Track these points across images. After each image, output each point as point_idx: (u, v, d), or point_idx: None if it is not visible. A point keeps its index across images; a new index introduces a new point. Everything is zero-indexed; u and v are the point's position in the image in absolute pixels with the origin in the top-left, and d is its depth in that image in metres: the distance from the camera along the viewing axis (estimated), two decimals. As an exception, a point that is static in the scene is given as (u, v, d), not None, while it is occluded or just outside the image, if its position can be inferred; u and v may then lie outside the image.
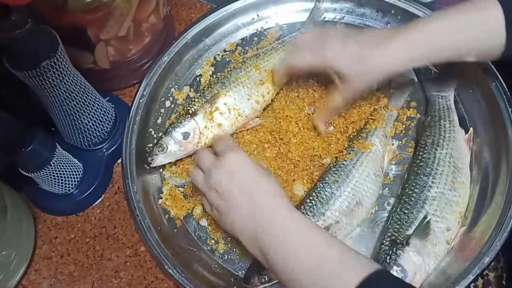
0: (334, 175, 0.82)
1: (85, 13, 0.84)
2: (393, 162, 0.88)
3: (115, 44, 0.93)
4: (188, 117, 0.88)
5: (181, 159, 0.90)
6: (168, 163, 0.89)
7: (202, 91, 0.93)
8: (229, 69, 0.96)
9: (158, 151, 0.86)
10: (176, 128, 0.87)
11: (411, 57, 0.77)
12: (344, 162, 0.83)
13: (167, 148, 0.86)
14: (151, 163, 0.86)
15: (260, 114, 0.94)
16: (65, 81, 0.78)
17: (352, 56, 0.78)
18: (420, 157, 0.83)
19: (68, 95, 0.80)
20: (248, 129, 0.92)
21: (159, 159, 0.86)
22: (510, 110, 0.83)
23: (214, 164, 0.72)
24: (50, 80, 0.75)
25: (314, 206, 0.79)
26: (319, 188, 0.81)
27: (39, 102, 0.84)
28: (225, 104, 0.89)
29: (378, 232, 0.82)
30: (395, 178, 0.87)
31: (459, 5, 0.76)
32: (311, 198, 0.80)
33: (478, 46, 0.76)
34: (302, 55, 0.83)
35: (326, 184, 0.81)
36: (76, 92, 0.82)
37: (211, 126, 0.88)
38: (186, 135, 0.87)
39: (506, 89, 0.85)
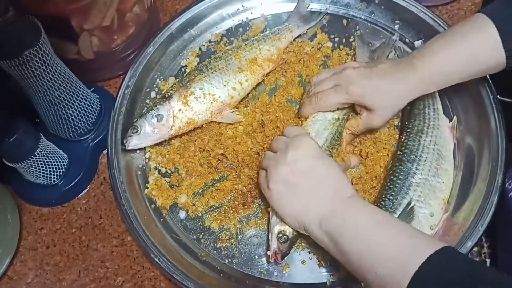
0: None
1: (68, 2, 0.83)
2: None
3: (99, 34, 0.92)
4: (164, 100, 0.89)
5: (166, 149, 0.90)
6: (155, 152, 0.90)
7: (181, 78, 0.94)
8: (211, 59, 0.96)
9: (133, 133, 0.86)
10: (151, 111, 0.88)
11: (428, 87, 0.81)
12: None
13: (140, 130, 0.86)
14: (126, 146, 0.86)
15: (239, 105, 0.94)
16: (48, 70, 0.77)
17: (381, 91, 0.80)
18: (404, 145, 0.84)
19: (52, 84, 0.80)
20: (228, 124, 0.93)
21: (134, 141, 0.86)
22: (492, 98, 0.85)
23: (289, 145, 0.75)
24: (33, 69, 0.75)
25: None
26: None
27: (22, 92, 0.83)
28: (200, 88, 0.90)
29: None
30: (379, 165, 0.87)
31: (457, 30, 0.78)
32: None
33: (486, 66, 0.77)
34: (329, 97, 0.84)
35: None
36: (60, 82, 0.81)
37: (185, 110, 0.88)
38: (159, 117, 0.87)
39: (488, 78, 0.86)
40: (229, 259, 0.81)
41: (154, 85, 0.97)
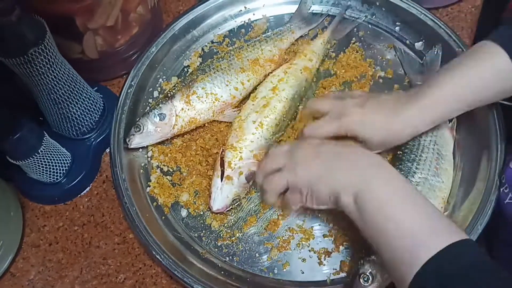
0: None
1: (73, 2, 0.85)
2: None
3: (103, 34, 0.93)
4: (166, 99, 0.90)
5: (169, 148, 0.91)
6: (157, 151, 0.91)
7: (184, 79, 0.95)
8: (213, 59, 0.97)
9: (135, 131, 0.87)
10: (154, 110, 0.89)
11: (431, 120, 0.78)
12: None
13: (143, 128, 0.87)
14: (129, 144, 0.87)
15: (239, 104, 0.95)
16: (52, 69, 0.78)
17: (374, 124, 0.78)
18: (404, 144, 0.84)
19: (56, 83, 0.81)
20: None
21: (136, 140, 0.87)
22: (491, 99, 0.85)
23: (289, 152, 0.74)
24: (38, 67, 0.75)
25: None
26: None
27: (27, 91, 0.84)
28: (203, 88, 0.91)
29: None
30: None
31: (465, 60, 0.76)
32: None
33: (495, 93, 0.76)
34: (323, 126, 0.81)
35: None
36: (64, 81, 0.82)
37: (188, 109, 0.89)
38: (162, 116, 0.88)
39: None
40: (230, 257, 0.81)
41: (157, 85, 0.98)
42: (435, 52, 0.94)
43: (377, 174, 0.67)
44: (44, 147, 0.83)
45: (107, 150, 0.95)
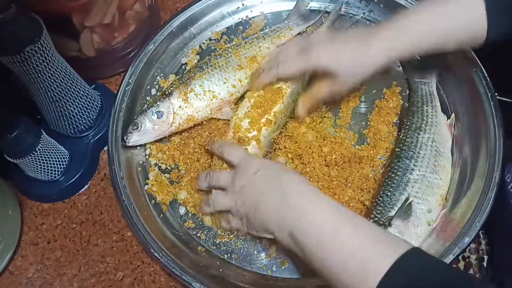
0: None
1: (70, 0, 0.84)
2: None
3: (100, 32, 0.93)
4: (164, 97, 0.90)
5: (167, 146, 0.91)
6: (155, 149, 0.90)
7: (182, 76, 0.95)
8: (211, 56, 0.97)
9: (133, 129, 0.87)
10: (151, 107, 0.89)
11: (396, 49, 0.77)
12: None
13: (141, 126, 0.87)
14: (126, 142, 0.87)
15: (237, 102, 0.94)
16: (49, 67, 0.78)
17: (341, 55, 0.78)
18: (403, 141, 0.84)
19: (53, 81, 0.81)
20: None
21: (134, 138, 0.87)
22: (489, 95, 0.85)
23: (234, 175, 0.75)
24: (35, 65, 0.75)
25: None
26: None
27: (24, 89, 0.84)
28: (200, 86, 0.91)
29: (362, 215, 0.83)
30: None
31: None
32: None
33: (457, 35, 0.77)
34: (290, 62, 0.82)
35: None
36: (61, 79, 0.82)
37: (185, 107, 0.89)
38: (160, 114, 0.88)
39: (486, 75, 0.86)
40: (228, 254, 0.81)
41: (155, 83, 0.98)
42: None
43: (308, 205, 0.66)
44: (42, 145, 0.83)
45: (105, 148, 0.95)
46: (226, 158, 0.78)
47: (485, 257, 0.85)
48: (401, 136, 0.86)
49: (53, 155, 0.86)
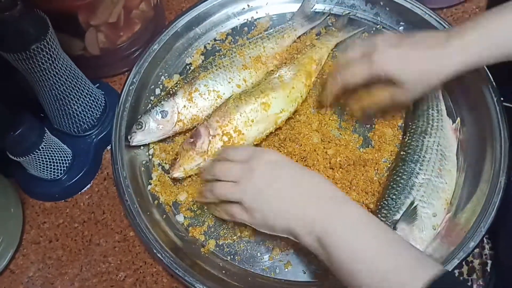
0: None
1: (76, -2, 0.84)
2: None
3: (106, 31, 0.92)
4: (168, 96, 0.89)
5: (170, 146, 0.90)
6: (158, 149, 0.90)
7: (186, 76, 0.94)
8: (215, 56, 0.97)
9: (137, 128, 0.87)
10: (156, 107, 0.88)
11: (475, 55, 0.72)
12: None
13: (145, 126, 0.87)
14: (130, 142, 0.86)
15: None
16: (54, 65, 0.78)
17: (410, 61, 0.73)
18: (408, 145, 0.84)
19: (57, 79, 0.80)
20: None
21: (138, 137, 0.87)
22: (495, 100, 0.85)
23: (246, 169, 0.69)
24: (40, 63, 0.75)
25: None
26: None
27: (28, 87, 0.83)
28: (205, 85, 0.90)
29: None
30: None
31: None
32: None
33: None
34: (353, 69, 0.77)
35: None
36: (65, 77, 0.82)
37: (190, 106, 0.89)
38: (164, 114, 0.87)
39: (492, 80, 0.86)
40: (231, 256, 0.81)
41: (159, 82, 0.97)
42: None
43: (339, 211, 0.63)
44: (45, 143, 0.82)
45: (108, 147, 0.95)
46: (236, 159, 0.72)
47: (489, 261, 0.85)
48: (406, 140, 0.85)
49: (56, 153, 0.86)
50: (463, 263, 0.84)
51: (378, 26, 1.01)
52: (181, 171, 0.83)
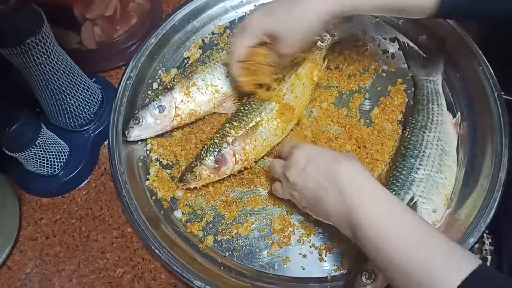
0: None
1: (71, -9, 0.83)
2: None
3: (102, 24, 0.92)
4: (166, 91, 0.88)
5: (168, 141, 0.90)
6: (156, 144, 0.89)
7: (184, 70, 0.93)
8: (213, 50, 0.96)
9: (134, 123, 0.86)
10: (153, 102, 0.87)
11: (327, 8, 0.74)
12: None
13: (142, 120, 0.86)
14: (128, 137, 0.86)
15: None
16: (50, 59, 0.77)
17: (277, 16, 0.77)
18: (408, 140, 0.83)
19: (53, 74, 0.79)
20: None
21: (135, 132, 0.86)
22: (496, 94, 0.84)
23: (285, 167, 0.75)
24: (35, 58, 0.74)
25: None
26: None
27: (24, 81, 0.82)
28: (203, 80, 0.90)
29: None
30: (382, 160, 0.87)
31: None
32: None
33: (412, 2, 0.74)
34: (240, 42, 0.80)
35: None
36: (61, 71, 0.81)
37: (188, 101, 0.88)
38: (161, 108, 0.87)
39: (493, 74, 0.86)
40: (230, 252, 0.81)
41: (156, 76, 0.96)
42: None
43: (369, 207, 0.63)
44: (42, 139, 0.81)
45: (106, 142, 0.94)
46: (281, 156, 0.80)
47: (489, 257, 0.85)
48: (406, 135, 0.85)
49: (53, 149, 0.85)
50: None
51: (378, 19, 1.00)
52: (193, 186, 0.83)
